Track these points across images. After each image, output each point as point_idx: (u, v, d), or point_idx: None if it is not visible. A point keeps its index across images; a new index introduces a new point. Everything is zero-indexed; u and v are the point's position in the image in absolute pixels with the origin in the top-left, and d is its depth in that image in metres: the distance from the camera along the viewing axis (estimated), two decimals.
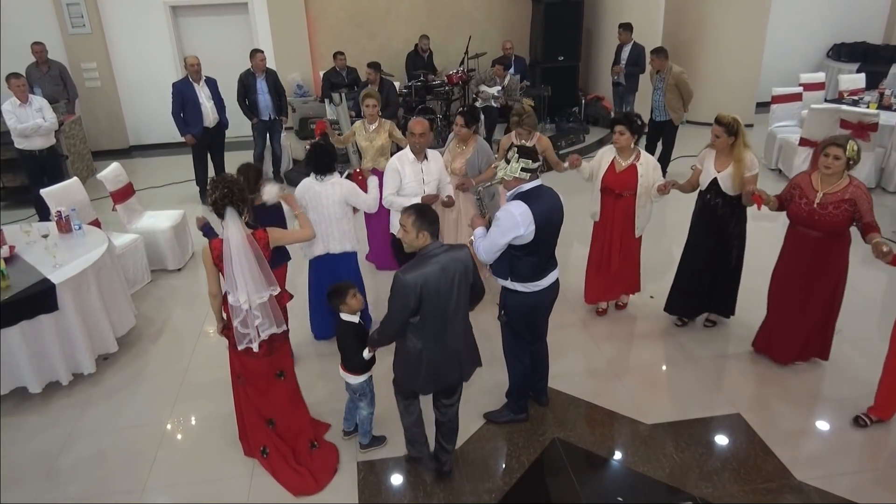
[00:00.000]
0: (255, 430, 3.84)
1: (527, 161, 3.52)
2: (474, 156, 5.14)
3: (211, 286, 3.58)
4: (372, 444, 3.92)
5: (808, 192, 4.03)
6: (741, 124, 4.37)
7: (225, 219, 3.37)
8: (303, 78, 10.43)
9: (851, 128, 7.52)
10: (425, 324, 3.23)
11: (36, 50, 8.48)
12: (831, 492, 3.51)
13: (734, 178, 4.38)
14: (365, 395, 3.79)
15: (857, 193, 3.89)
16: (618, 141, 4.62)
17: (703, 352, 4.77)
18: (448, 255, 3.20)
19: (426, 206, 3.32)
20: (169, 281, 6.20)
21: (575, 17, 10.29)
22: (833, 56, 11.48)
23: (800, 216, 4.08)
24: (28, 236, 5.04)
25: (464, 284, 3.26)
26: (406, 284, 3.09)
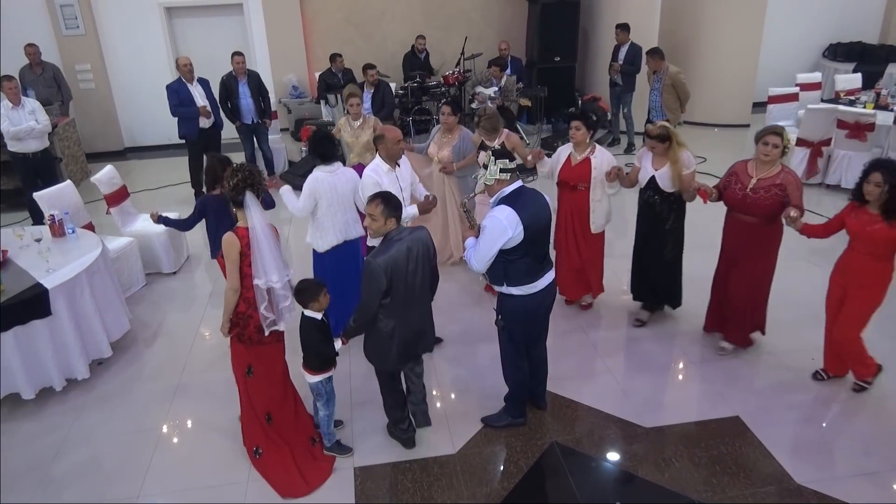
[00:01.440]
0: (252, 426, 3.84)
1: (504, 161, 3.56)
2: (459, 143, 5.64)
3: (233, 280, 3.53)
4: (334, 451, 3.91)
5: (744, 178, 4.25)
6: (670, 129, 4.53)
7: (246, 204, 3.46)
8: (298, 79, 10.39)
9: (848, 128, 7.53)
10: (395, 302, 3.46)
11: (29, 52, 8.42)
12: (831, 495, 3.49)
13: (672, 177, 4.53)
14: (321, 395, 3.80)
15: (788, 179, 4.11)
16: (574, 136, 4.79)
17: (702, 355, 4.75)
18: (411, 236, 3.48)
19: (390, 194, 3.53)
20: (164, 284, 6.15)
21: (571, 18, 10.29)
22: (829, 56, 11.48)
23: (734, 201, 4.30)
24: (21, 240, 5.00)
25: (426, 262, 3.54)
26: (377, 268, 3.32)
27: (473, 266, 3.63)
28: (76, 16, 9.46)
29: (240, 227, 3.52)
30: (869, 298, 3.99)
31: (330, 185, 4.53)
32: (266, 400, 3.81)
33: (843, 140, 7.61)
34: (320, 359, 3.69)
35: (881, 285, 3.93)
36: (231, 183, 3.45)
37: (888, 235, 3.74)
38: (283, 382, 3.88)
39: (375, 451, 3.92)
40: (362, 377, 4.46)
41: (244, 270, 3.52)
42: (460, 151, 5.66)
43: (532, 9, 10.66)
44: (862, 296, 3.99)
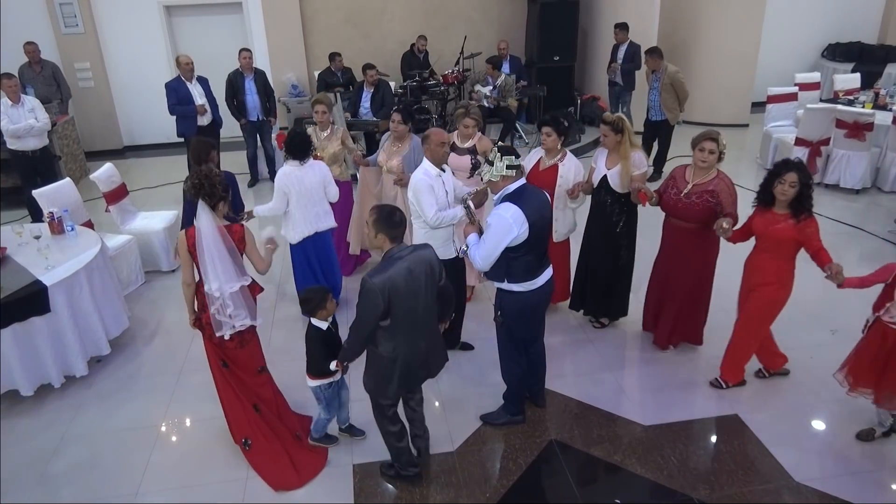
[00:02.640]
0: (239, 417, 3.84)
1: (510, 158, 3.53)
2: (410, 153, 5.16)
3: (185, 275, 3.64)
4: (322, 441, 3.93)
5: (680, 183, 4.25)
6: (626, 123, 4.47)
7: (198, 211, 3.46)
8: (297, 78, 10.38)
9: (847, 127, 7.54)
10: (396, 326, 3.21)
11: (28, 50, 8.41)
12: (830, 493, 3.50)
13: (622, 175, 4.49)
14: (320, 399, 3.79)
15: (721, 186, 4.10)
16: (545, 142, 4.65)
17: (701, 353, 4.75)
18: (413, 255, 3.21)
19: (391, 209, 3.26)
20: (163, 282, 6.15)
21: (570, 18, 10.29)
22: (828, 56, 11.50)
23: (668, 205, 4.31)
24: (20, 237, 5.00)
25: (431, 284, 3.27)
26: (372, 287, 3.06)
27: (477, 264, 3.59)
28: (75, 14, 9.46)
29: (190, 228, 3.54)
30: (771, 298, 3.99)
31: (297, 178, 4.78)
32: (249, 391, 3.84)
33: (842, 140, 7.62)
34: (319, 367, 3.66)
35: (780, 285, 3.94)
36: (184, 185, 3.61)
37: (790, 234, 3.77)
38: (263, 382, 3.91)
39: (374, 449, 3.90)
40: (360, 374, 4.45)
41: (197, 267, 3.58)
42: (411, 162, 5.08)
43: (531, 8, 10.66)
44: (765, 294, 3.99)
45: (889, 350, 3.58)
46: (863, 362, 3.71)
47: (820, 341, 4.71)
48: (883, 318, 3.58)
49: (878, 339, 3.62)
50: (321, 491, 3.66)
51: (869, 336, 3.69)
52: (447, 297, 3.49)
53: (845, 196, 7.66)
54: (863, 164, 7.60)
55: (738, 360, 4.28)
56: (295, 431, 3.95)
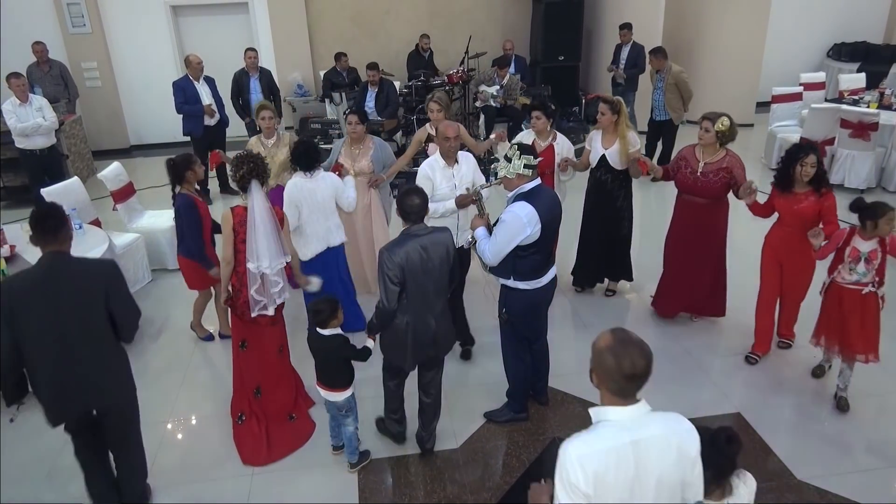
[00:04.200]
0: (241, 396, 4.04)
1: (528, 157, 3.52)
2: (377, 152, 5.19)
3: (226, 251, 3.76)
4: (361, 461, 3.81)
5: (692, 162, 4.60)
6: (623, 106, 4.95)
7: (250, 191, 3.67)
8: (303, 77, 10.43)
9: (851, 127, 7.53)
10: (409, 299, 3.39)
11: (36, 49, 8.48)
12: (832, 491, 3.52)
13: (620, 153, 4.91)
14: (351, 409, 3.70)
15: (733, 162, 4.49)
16: (535, 125, 5.01)
17: (704, 351, 4.78)
18: (430, 236, 3.39)
19: (406, 192, 3.42)
20: (169, 280, 6.19)
21: (575, 17, 10.31)
22: (833, 56, 11.48)
23: (685, 184, 4.65)
24: (28, 235, 5.03)
25: (445, 266, 3.44)
26: (388, 258, 3.28)
27: (487, 259, 3.61)
28: (83, 14, 9.52)
29: (238, 206, 3.76)
30: (808, 265, 4.35)
31: (309, 191, 4.51)
32: (256, 374, 3.98)
33: (847, 140, 7.62)
34: (350, 373, 3.64)
35: (810, 251, 4.20)
36: (238, 174, 3.68)
37: (814, 209, 4.12)
38: (279, 362, 4.05)
39: (378, 445, 3.96)
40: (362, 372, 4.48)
41: (237, 246, 3.73)
42: (380, 160, 5.20)
43: (536, 8, 10.68)
44: (802, 264, 4.34)
45: (847, 309, 3.95)
46: (827, 322, 4.10)
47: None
48: (836, 279, 3.97)
49: (836, 300, 4.00)
50: (326, 488, 3.69)
51: (828, 299, 4.08)
52: (454, 277, 3.69)
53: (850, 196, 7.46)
54: (867, 164, 7.60)
55: (794, 319, 4.67)
56: (291, 412, 4.09)
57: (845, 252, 3.90)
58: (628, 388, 1.97)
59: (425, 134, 5.30)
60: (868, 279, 3.88)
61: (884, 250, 3.83)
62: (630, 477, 1.91)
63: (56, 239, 2.98)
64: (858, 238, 3.87)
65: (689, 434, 2.00)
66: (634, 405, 1.99)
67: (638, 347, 1.97)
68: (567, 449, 1.95)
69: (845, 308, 3.96)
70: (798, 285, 4.46)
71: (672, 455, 1.95)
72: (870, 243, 3.84)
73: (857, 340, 3.95)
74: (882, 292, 3.94)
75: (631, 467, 1.91)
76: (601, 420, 2.00)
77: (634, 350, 1.97)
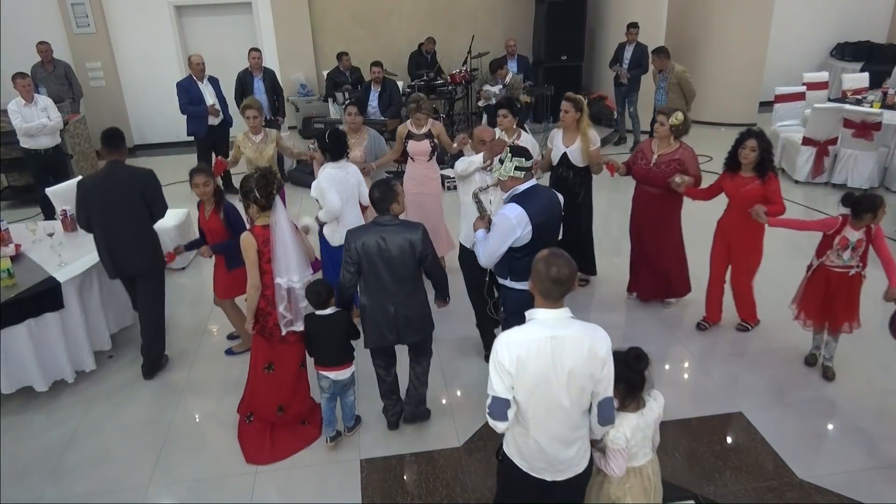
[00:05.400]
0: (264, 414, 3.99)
1: (520, 160, 3.55)
2: (370, 142, 5.43)
3: (255, 276, 3.69)
4: (355, 425, 4.07)
5: (647, 154, 4.88)
6: (585, 104, 5.04)
7: (275, 206, 3.67)
8: (306, 77, 10.45)
9: (854, 127, 7.53)
10: (366, 283, 3.63)
11: (41, 49, 8.51)
12: (833, 490, 3.52)
13: (582, 150, 5.03)
14: (353, 382, 3.92)
15: (685, 154, 4.75)
16: (502, 123, 5.06)
17: (705, 351, 4.78)
18: (394, 229, 3.55)
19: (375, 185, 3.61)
20: (173, 279, 6.20)
21: (578, 17, 10.33)
22: (837, 55, 11.47)
23: (640, 174, 4.93)
24: (34, 235, 5.07)
25: (406, 260, 3.57)
26: (350, 240, 3.54)
27: (481, 260, 3.66)
28: (87, 14, 9.56)
29: (256, 226, 3.68)
30: (752, 248, 4.63)
31: (342, 179, 4.65)
32: (281, 394, 3.94)
33: (850, 139, 7.61)
34: (352, 347, 3.84)
35: (758, 236, 4.58)
36: (271, 192, 3.64)
37: (758, 192, 4.37)
38: (298, 376, 4.01)
39: (381, 444, 3.98)
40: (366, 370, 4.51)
41: (262, 267, 3.66)
42: (373, 151, 5.44)
43: (539, 7, 10.69)
44: (747, 248, 4.63)
45: (833, 289, 4.21)
46: (812, 300, 4.33)
47: None
48: (825, 263, 4.19)
49: (823, 281, 4.24)
50: (329, 485, 3.71)
51: (814, 278, 4.29)
52: (434, 281, 3.79)
53: None
54: (870, 164, 7.59)
55: (749, 302, 4.89)
56: (303, 418, 4.06)
57: (835, 239, 4.10)
58: (554, 291, 2.40)
59: (406, 130, 5.58)
60: (853, 263, 4.13)
61: (868, 239, 4.07)
62: (546, 364, 2.37)
63: (116, 152, 4.38)
64: (850, 228, 4.06)
65: (601, 339, 2.44)
66: (559, 309, 2.44)
67: (565, 259, 2.42)
68: (500, 337, 2.45)
69: (832, 288, 4.21)
70: (745, 268, 4.73)
71: (584, 352, 2.39)
72: (858, 233, 4.05)
73: (841, 314, 4.24)
74: (864, 273, 4.21)
75: (548, 356, 2.37)
76: (531, 318, 2.46)
77: (561, 261, 2.41)
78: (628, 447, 2.63)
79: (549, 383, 2.39)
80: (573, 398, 2.42)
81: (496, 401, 2.41)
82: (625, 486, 2.71)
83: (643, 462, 2.75)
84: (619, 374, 2.52)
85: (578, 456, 2.55)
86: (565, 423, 2.46)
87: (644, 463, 2.75)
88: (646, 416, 2.68)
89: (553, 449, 2.50)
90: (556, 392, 2.39)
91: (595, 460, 2.68)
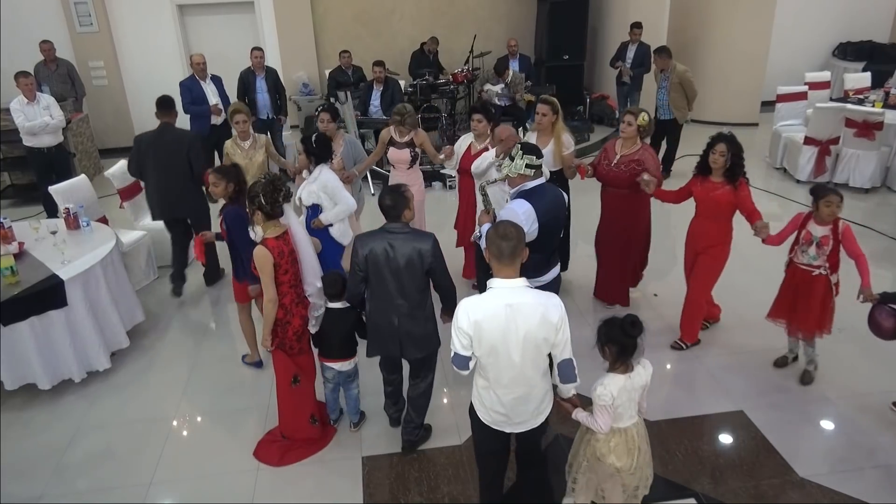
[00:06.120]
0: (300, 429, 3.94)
1: (531, 157, 3.55)
2: (347, 149, 5.32)
3: (272, 292, 3.54)
4: (361, 420, 4.12)
5: (610, 154, 4.84)
6: (559, 107, 5.01)
7: (287, 214, 3.68)
8: (308, 76, 10.47)
9: (856, 126, 7.52)
10: (372, 292, 3.54)
11: (44, 48, 8.54)
12: (833, 489, 3.53)
13: (555, 154, 4.96)
14: (356, 374, 3.97)
15: (645, 155, 4.72)
16: (475, 128, 5.06)
17: (706, 351, 4.78)
18: (403, 237, 3.40)
19: (385, 191, 3.47)
20: None
21: (580, 16, 10.32)
22: (839, 55, 11.44)
23: (601, 174, 4.89)
24: (37, 233, 5.09)
25: (414, 270, 3.42)
26: (358, 247, 3.44)
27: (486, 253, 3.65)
28: (90, 13, 9.58)
29: (268, 239, 3.55)
30: (716, 256, 4.50)
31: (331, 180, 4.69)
32: (311, 403, 3.94)
33: (852, 139, 7.61)
34: (356, 341, 3.89)
35: (724, 244, 4.47)
36: (277, 199, 3.54)
37: (727, 199, 4.28)
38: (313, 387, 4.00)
39: (383, 441, 3.99)
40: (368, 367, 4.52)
41: (279, 278, 3.57)
42: (351, 157, 5.34)
43: (541, 7, 10.70)
44: (711, 254, 4.49)
45: (797, 285, 4.17)
46: (782, 298, 4.32)
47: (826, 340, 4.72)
48: (794, 259, 4.17)
49: (791, 278, 4.23)
50: (331, 482, 3.73)
51: (786, 276, 4.28)
52: (441, 293, 3.59)
53: (854, 195, 7.64)
54: (872, 164, 7.59)
55: (694, 319, 4.76)
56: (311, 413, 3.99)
57: (801, 234, 4.10)
58: (504, 248, 2.65)
59: (389, 135, 5.46)
60: (819, 263, 4.06)
61: (835, 238, 3.98)
62: (502, 328, 2.65)
63: (168, 115, 5.50)
64: (813, 223, 4.05)
65: (553, 306, 2.69)
66: (515, 279, 2.69)
67: (510, 222, 2.80)
68: (461, 302, 2.74)
69: (798, 287, 4.17)
70: (705, 279, 4.60)
71: (537, 319, 2.64)
72: (823, 229, 4.01)
73: (806, 317, 4.17)
74: (835, 279, 4.09)
75: (503, 322, 2.64)
76: (490, 287, 2.72)
77: (507, 223, 2.78)
78: (614, 405, 2.84)
79: (506, 345, 2.68)
80: (527, 359, 2.71)
81: (457, 356, 2.78)
82: (609, 444, 2.95)
83: (628, 424, 2.94)
84: (613, 338, 2.81)
85: (535, 412, 2.87)
86: (521, 381, 2.77)
87: (629, 425, 2.95)
88: (633, 380, 2.87)
89: (510, 403, 2.81)
90: (511, 353, 2.69)
91: (582, 419, 2.96)
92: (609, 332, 2.83)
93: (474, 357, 2.76)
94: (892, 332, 3.81)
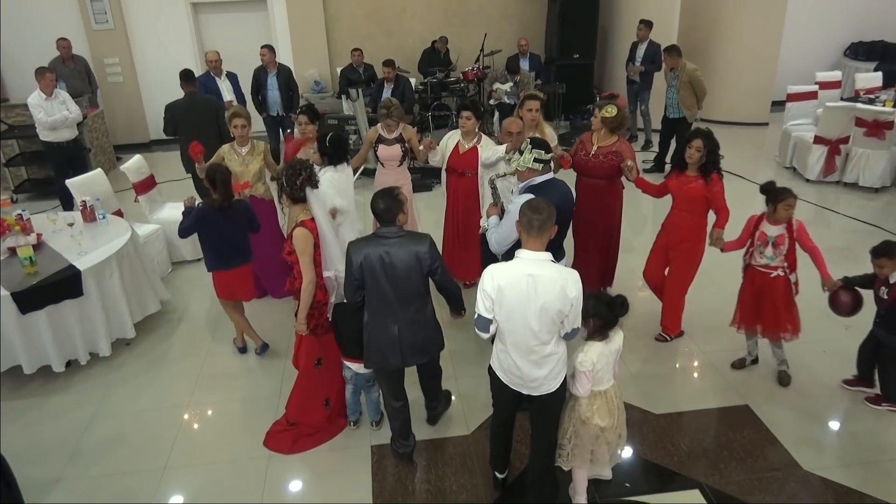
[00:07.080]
0: (311, 411, 4.00)
1: (539, 152, 3.59)
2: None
3: (309, 273, 3.59)
4: (383, 419, 4.08)
5: (587, 146, 4.91)
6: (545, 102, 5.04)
7: (310, 200, 3.64)
8: (320, 74, 10.55)
9: (866, 126, 7.51)
10: (369, 300, 3.41)
11: (62, 45, 8.67)
12: (837, 481, 3.56)
13: None
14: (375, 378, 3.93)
15: (622, 147, 4.79)
16: (464, 125, 5.04)
17: (710, 345, 4.81)
18: (398, 241, 3.29)
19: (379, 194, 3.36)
20: (188, 271, 6.33)
21: (590, 15, 10.33)
22: (850, 55, 11.40)
23: (579, 165, 4.93)
24: (54, 224, 5.19)
25: (412, 276, 3.31)
26: (349, 252, 3.33)
27: (492, 246, 3.72)
28: (105, 11, 9.70)
29: (306, 220, 3.63)
30: (688, 257, 4.59)
31: (345, 182, 4.69)
32: (329, 387, 3.99)
33: (862, 138, 7.60)
34: None
35: (698, 238, 4.52)
36: (296, 182, 3.58)
37: (700, 193, 4.35)
38: (339, 366, 3.99)
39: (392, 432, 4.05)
40: None
41: (316, 259, 3.64)
42: None
43: (551, 6, 10.72)
44: (682, 253, 4.59)
45: (759, 291, 4.20)
46: (744, 302, 4.35)
47: (833, 337, 4.75)
48: (751, 263, 4.21)
49: (750, 282, 4.26)
50: (340, 470, 3.79)
51: (745, 280, 4.32)
52: (446, 294, 3.58)
53: (864, 194, 7.64)
54: (882, 163, 7.58)
55: (675, 312, 4.86)
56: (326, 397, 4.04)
57: (755, 235, 4.13)
58: (534, 221, 2.87)
59: (376, 134, 5.42)
60: (776, 263, 4.10)
61: (791, 236, 4.02)
62: (522, 294, 2.85)
63: (192, 84, 6.67)
64: (766, 222, 4.09)
65: (573, 282, 2.86)
66: (541, 252, 2.90)
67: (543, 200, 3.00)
68: (489, 268, 2.95)
69: (757, 289, 4.21)
70: (681, 274, 4.68)
71: (556, 291, 2.82)
72: (777, 228, 4.05)
73: (770, 320, 4.21)
74: (794, 278, 4.13)
75: (524, 289, 2.85)
76: (517, 256, 2.93)
77: (540, 200, 3.01)
78: (594, 370, 3.11)
79: (524, 312, 2.88)
80: (544, 327, 2.90)
81: (480, 318, 2.98)
82: (592, 407, 3.20)
83: (607, 386, 3.23)
84: (598, 313, 3.07)
85: (550, 377, 3.05)
86: (536, 346, 2.96)
87: (608, 387, 3.23)
88: (609, 346, 3.15)
89: (526, 366, 3.02)
90: (528, 320, 2.89)
91: (567, 385, 3.18)
92: (596, 307, 3.06)
93: (495, 321, 2.94)
94: (848, 306, 3.98)
